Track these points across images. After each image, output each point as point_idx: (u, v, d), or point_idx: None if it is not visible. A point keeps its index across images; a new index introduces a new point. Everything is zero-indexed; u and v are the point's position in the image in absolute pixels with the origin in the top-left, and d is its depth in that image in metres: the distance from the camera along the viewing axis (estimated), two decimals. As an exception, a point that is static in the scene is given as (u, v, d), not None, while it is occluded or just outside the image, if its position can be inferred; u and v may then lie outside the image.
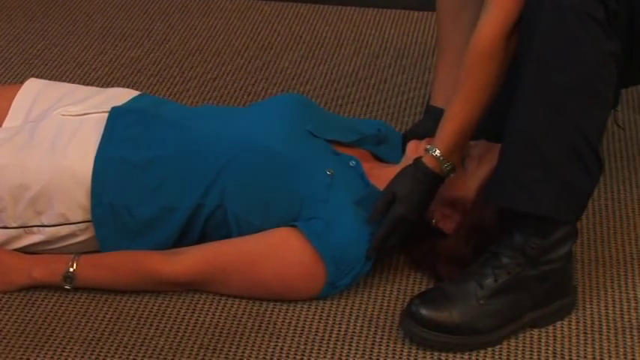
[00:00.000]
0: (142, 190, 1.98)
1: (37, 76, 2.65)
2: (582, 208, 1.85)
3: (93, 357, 1.85)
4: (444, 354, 1.86)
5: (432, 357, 1.86)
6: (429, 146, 1.93)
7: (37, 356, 1.85)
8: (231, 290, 1.98)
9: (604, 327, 1.92)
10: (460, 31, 2.17)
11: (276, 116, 2.07)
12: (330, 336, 1.90)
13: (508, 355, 1.87)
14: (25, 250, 2.02)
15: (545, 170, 1.78)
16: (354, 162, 2.05)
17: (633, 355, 1.86)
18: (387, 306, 1.97)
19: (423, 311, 1.85)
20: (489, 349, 1.87)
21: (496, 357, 1.86)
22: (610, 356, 1.86)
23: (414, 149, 2.03)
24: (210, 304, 1.97)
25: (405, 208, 1.91)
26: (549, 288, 1.89)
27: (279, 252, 1.93)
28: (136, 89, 2.35)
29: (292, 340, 1.89)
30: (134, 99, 2.13)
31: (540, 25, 1.74)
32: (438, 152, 1.91)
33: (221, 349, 1.87)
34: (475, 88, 1.87)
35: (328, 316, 1.95)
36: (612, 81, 1.74)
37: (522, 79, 1.77)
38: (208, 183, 1.97)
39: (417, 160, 1.93)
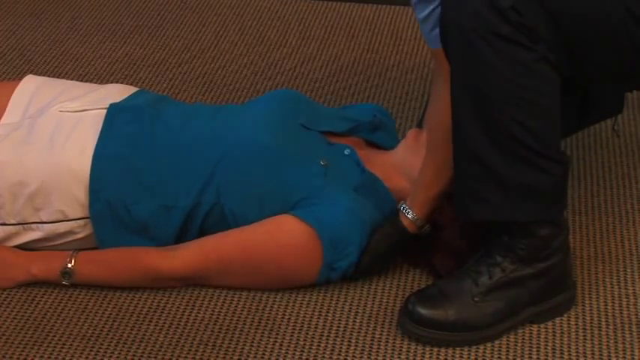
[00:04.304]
0: (139, 188, 1.98)
1: (36, 73, 2.64)
2: (552, 205, 1.85)
3: (92, 353, 1.85)
4: (442, 350, 1.87)
5: (430, 353, 1.86)
6: (406, 208, 1.97)
7: (37, 353, 1.85)
8: (231, 282, 1.98)
9: (603, 323, 1.92)
10: None
11: (267, 112, 2.09)
12: (329, 332, 1.90)
13: (507, 351, 1.87)
14: (25, 247, 2.02)
15: (495, 180, 1.80)
16: (348, 150, 2.07)
17: (632, 351, 1.86)
18: (387, 302, 1.97)
19: (419, 309, 1.85)
20: (489, 345, 1.87)
21: (495, 353, 1.86)
22: (609, 352, 1.86)
23: (413, 138, 2.05)
24: (210, 301, 1.97)
25: (372, 262, 1.99)
26: (547, 284, 1.89)
27: (275, 237, 1.94)
28: (136, 86, 2.35)
29: (292, 336, 1.89)
30: (132, 95, 2.13)
31: (451, 50, 1.77)
32: (415, 216, 1.96)
33: (220, 345, 1.87)
34: (444, 161, 1.90)
35: (327, 312, 1.95)
36: (543, 86, 1.75)
37: (452, 101, 1.80)
38: (204, 181, 1.98)
39: (397, 222, 1.97)
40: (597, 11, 1.71)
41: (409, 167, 2.04)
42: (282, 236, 1.94)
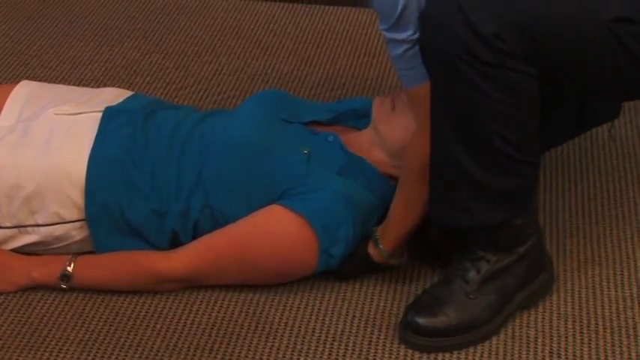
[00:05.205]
0: (133, 191, 1.98)
1: (33, 77, 2.66)
2: (525, 202, 1.88)
3: (89, 358, 1.85)
4: (440, 354, 1.86)
5: (428, 356, 1.86)
6: (377, 238, 1.97)
7: (33, 358, 1.85)
8: (231, 279, 1.98)
9: (600, 326, 1.92)
10: None
11: (249, 111, 2.11)
12: (326, 336, 1.90)
13: (505, 354, 1.87)
14: (23, 251, 2.02)
15: (473, 189, 1.82)
16: (332, 137, 2.08)
17: (630, 355, 1.86)
18: (384, 306, 1.97)
19: (420, 320, 1.86)
20: (486, 348, 1.88)
21: (493, 356, 1.86)
22: (606, 355, 1.86)
23: (378, 106, 2.06)
24: (207, 305, 1.97)
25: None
26: (528, 266, 1.92)
27: (266, 227, 1.94)
28: (132, 90, 2.35)
29: (289, 340, 1.89)
30: (128, 99, 2.14)
31: (432, 72, 1.77)
32: (383, 249, 1.97)
33: (217, 350, 1.87)
34: (414, 198, 1.92)
35: (325, 316, 1.95)
36: (526, 100, 1.76)
37: (432, 116, 1.81)
38: (192, 184, 1.99)
39: (365, 248, 1.98)
40: (581, 35, 1.71)
41: (381, 137, 2.05)
42: (273, 226, 1.94)
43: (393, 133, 2.03)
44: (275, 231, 1.94)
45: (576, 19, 1.70)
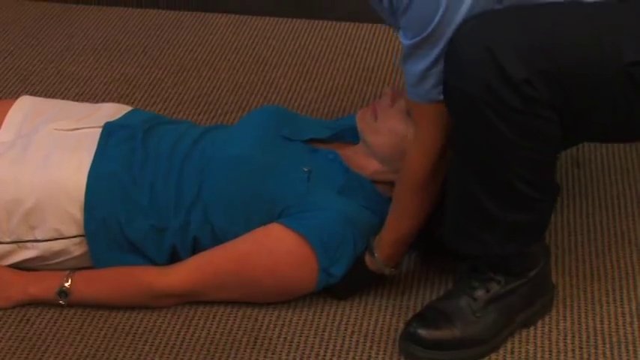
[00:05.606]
0: (132, 207, 1.98)
1: (32, 93, 2.66)
2: (538, 234, 1.89)
3: (88, 374, 1.85)
4: (439, 369, 1.87)
5: (427, 372, 1.87)
6: (371, 246, 1.98)
7: (32, 373, 1.85)
8: (230, 295, 1.98)
9: (599, 342, 1.92)
10: None
11: (249, 127, 2.11)
12: (325, 351, 1.90)
13: (503, 370, 1.87)
14: (21, 267, 2.02)
15: (489, 222, 1.82)
16: (332, 155, 2.08)
17: (628, 370, 1.87)
18: (383, 321, 1.97)
19: (423, 332, 1.86)
20: (486, 364, 1.88)
21: (491, 372, 1.87)
22: (605, 371, 1.87)
23: (361, 118, 2.07)
24: (205, 320, 1.97)
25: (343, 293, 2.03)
26: (534, 287, 1.93)
27: (266, 245, 1.94)
28: (131, 105, 2.35)
29: (288, 355, 1.89)
30: (127, 114, 2.14)
31: (455, 113, 1.76)
32: (379, 258, 1.97)
33: (216, 366, 1.87)
34: (406, 209, 1.93)
35: (324, 331, 1.95)
36: (549, 144, 1.75)
37: (454, 154, 1.82)
38: (191, 200, 1.99)
39: (362, 262, 1.98)
40: (601, 79, 1.69)
41: (371, 147, 2.05)
42: (272, 243, 1.94)
43: (380, 139, 2.03)
44: (274, 249, 1.94)
45: (598, 63, 1.68)
